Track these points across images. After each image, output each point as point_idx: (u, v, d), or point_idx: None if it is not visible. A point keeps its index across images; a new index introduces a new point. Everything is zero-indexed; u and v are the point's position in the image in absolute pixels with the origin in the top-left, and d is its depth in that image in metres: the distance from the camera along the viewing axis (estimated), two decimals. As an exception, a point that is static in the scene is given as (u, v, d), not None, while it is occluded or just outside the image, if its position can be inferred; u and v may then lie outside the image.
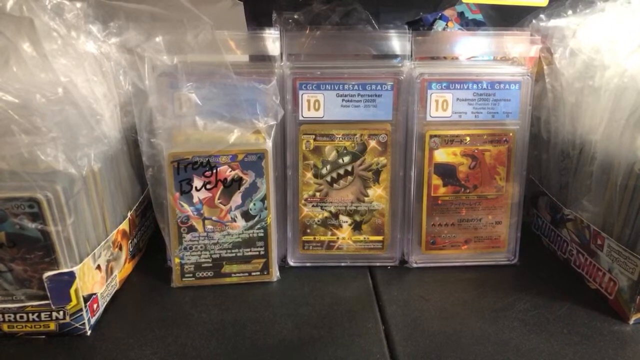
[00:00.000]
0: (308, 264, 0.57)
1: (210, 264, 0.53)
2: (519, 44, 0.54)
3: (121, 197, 0.53)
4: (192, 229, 0.52)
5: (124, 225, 0.53)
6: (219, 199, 0.51)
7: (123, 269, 0.53)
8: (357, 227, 0.57)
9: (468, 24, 0.71)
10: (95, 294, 0.46)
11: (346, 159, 0.55)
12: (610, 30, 0.51)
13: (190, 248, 0.52)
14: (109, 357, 0.43)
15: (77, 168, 0.43)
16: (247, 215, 0.52)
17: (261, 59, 0.53)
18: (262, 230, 0.53)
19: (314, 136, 0.54)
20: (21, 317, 0.44)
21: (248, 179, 0.51)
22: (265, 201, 0.52)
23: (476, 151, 0.55)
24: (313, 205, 0.56)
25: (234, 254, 0.53)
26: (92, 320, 0.46)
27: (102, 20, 0.50)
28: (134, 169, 0.56)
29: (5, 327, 0.44)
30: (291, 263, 0.57)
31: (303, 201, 0.56)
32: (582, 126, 0.53)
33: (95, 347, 0.44)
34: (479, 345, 0.44)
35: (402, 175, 0.55)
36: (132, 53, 0.49)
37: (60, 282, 0.43)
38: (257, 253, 0.53)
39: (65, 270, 0.43)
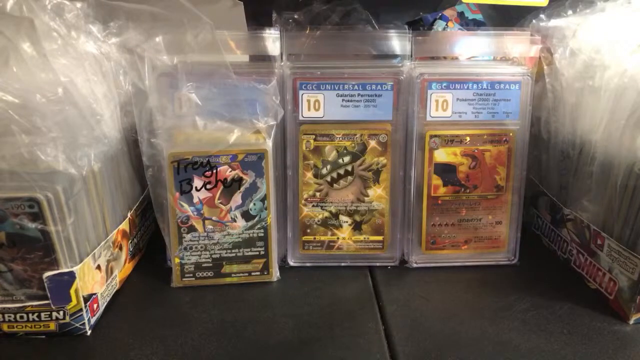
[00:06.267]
0: (308, 264, 0.57)
1: (210, 264, 0.53)
2: (519, 44, 0.54)
3: (121, 197, 0.53)
4: (192, 229, 0.52)
5: (124, 225, 0.53)
6: (219, 199, 0.51)
7: (123, 269, 0.53)
8: (357, 227, 0.57)
9: (468, 24, 0.71)
10: (95, 294, 0.46)
11: (346, 159, 0.55)
12: (610, 30, 0.51)
13: (190, 248, 0.52)
14: (109, 357, 0.43)
15: (77, 168, 0.43)
16: (247, 215, 0.52)
17: (261, 59, 0.53)
18: (262, 230, 0.53)
19: (314, 136, 0.54)
20: (21, 317, 0.44)
21: (248, 179, 0.51)
22: (265, 201, 0.52)
23: (476, 151, 0.55)
24: (313, 205, 0.56)
25: (234, 254, 0.53)
26: (92, 320, 0.46)
27: (102, 20, 0.50)
28: (134, 169, 0.56)
29: (5, 327, 0.44)
30: (291, 263, 0.57)
31: (303, 201, 0.56)
32: (582, 126, 0.53)
33: (95, 347, 0.44)
34: (479, 345, 0.44)
35: (402, 175, 0.55)
36: (132, 53, 0.49)
37: (60, 282, 0.43)
38: (257, 253, 0.53)
39: (65, 270, 0.43)
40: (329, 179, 0.55)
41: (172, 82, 0.49)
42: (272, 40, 0.52)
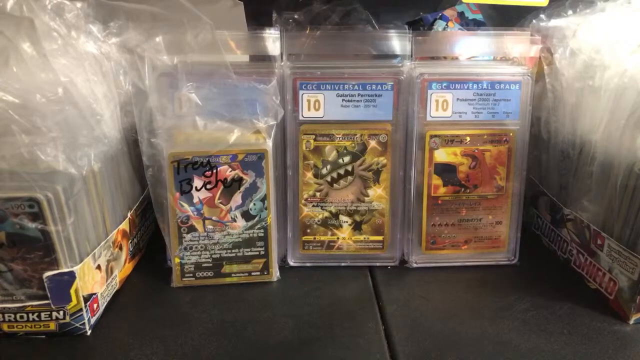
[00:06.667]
0: (308, 264, 0.57)
1: (210, 264, 0.53)
2: (519, 44, 0.54)
3: (121, 197, 0.53)
4: (192, 229, 0.52)
5: (124, 225, 0.53)
6: (219, 199, 0.51)
7: (123, 269, 0.53)
8: (357, 227, 0.57)
9: (468, 24, 0.71)
10: (95, 293, 0.46)
11: (346, 159, 0.55)
12: (610, 30, 0.51)
13: (190, 248, 0.52)
14: (109, 357, 0.43)
15: (77, 168, 0.43)
16: (247, 215, 0.52)
17: (261, 59, 0.53)
18: (262, 230, 0.53)
19: (314, 136, 0.54)
20: (21, 317, 0.44)
21: (248, 178, 0.51)
22: (266, 201, 0.52)
23: (476, 151, 0.55)
24: (313, 205, 0.56)
25: (234, 254, 0.53)
26: (92, 320, 0.46)
27: (102, 20, 0.50)
28: (134, 169, 0.56)
29: (5, 327, 0.44)
30: (291, 263, 0.57)
31: (303, 201, 0.56)
32: (582, 126, 0.53)
33: (95, 347, 0.44)
34: (479, 345, 0.44)
35: (402, 175, 0.55)
36: (132, 53, 0.49)
37: (60, 282, 0.43)
38: (257, 253, 0.53)
39: (65, 270, 0.43)
40: (329, 179, 0.55)
41: (172, 82, 0.49)
42: (272, 40, 0.52)
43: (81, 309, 0.44)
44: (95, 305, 0.47)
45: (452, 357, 0.43)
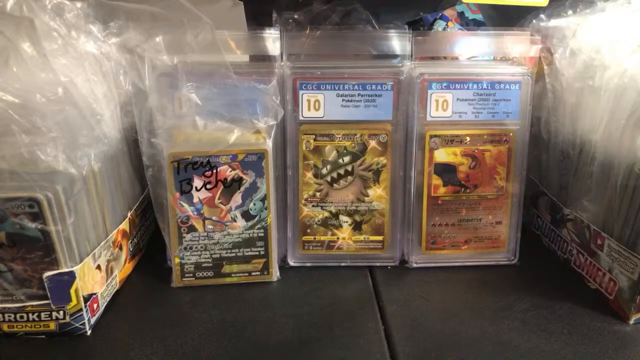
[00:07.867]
0: (308, 264, 0.57)
1: (211, 264, 0.53)
2: (519, 44, 0.54)
3: (121, 197, 0.53)
4: (192, 229, 0.52)
5: (124, 225, 0.53)
6: (219, 199, 0.51)
7: (123, 269, 0.53)
8: (357, 227, 0.57)
9: (468, 24, 0.71)
10: (95, 293, 0.46)
11: (346, 159, 0.55)
12: (610, 30, 0.51)
13: (191, 248, 0.52)
14: (109, 357, 0.43)
15: (77, 168, 0.43)
16: (247, 215, 0.52)
17: (261, 59, 0.53)
18: (262, 230, 0.53)
19: (314, 136, 0.54)
20: (21, 317, 0.44)
21: (248, 178, 0.51)
22: (266, 201, 0.52)
23: (476, 151, 0.55)
24: (313, 205, 0.56)
25: (234, 254, 0.53)
26: (92, 320, 0.46)
27: (102, 20, 0.50)
28: (134, 169, 0.56)
29: (5, 327, 0.44)
30: (291, 263, 0.57)
31: (303, 201, 0.56)
32: (582, 126, 0.53)
33: (95, 347, 0.44)
34: (479, 345, 0.44)
35: (402, 175, 0.55)
36: (132, 53, 0.49)
37: (60, 282, 0.43)
38: (257, 253, 0.53)
39: (65, 270, 0.43)
40: (329, 179, 0.55)
41: (172, 82, 0.49)
42: (272, 40, 0.52)
43: (81, 309, 0.44)
44: (95, 305, 0.47)
45: (452, 357, 0.43)
